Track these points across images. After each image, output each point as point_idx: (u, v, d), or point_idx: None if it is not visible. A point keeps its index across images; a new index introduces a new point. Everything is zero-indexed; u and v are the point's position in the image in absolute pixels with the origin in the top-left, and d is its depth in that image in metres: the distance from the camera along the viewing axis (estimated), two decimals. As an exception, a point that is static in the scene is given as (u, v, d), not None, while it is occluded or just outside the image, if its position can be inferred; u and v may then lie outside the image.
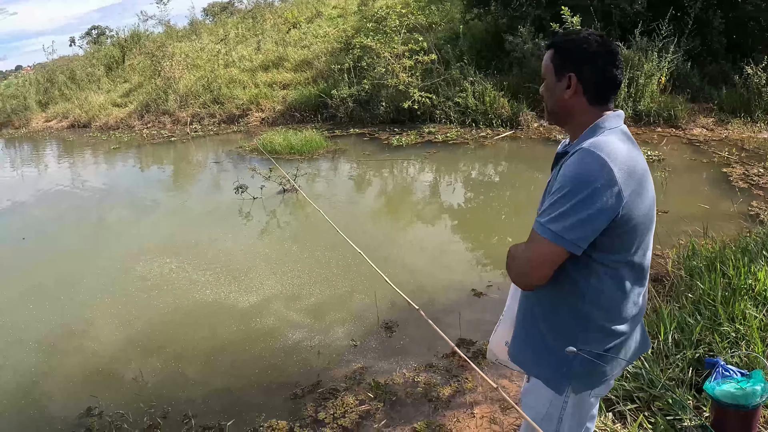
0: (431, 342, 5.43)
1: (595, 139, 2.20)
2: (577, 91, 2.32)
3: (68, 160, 17.46)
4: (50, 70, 28.07)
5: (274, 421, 4.58)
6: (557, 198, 2.14)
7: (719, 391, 3.41)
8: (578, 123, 2.35)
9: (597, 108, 2.33)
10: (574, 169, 2.14)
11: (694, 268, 5.33)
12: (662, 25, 12.35)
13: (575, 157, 2.16)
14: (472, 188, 10.51)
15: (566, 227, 2.11)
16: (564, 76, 2.33)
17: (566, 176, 2.14)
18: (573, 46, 2.33)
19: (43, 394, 5.40)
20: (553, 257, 2.17)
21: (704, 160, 10.06)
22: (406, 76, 14.71)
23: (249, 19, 26.47)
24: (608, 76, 2.32)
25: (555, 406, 2.45)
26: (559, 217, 2.12)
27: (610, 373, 2.43)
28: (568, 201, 2.11)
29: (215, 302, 6.79)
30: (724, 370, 3.55)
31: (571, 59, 2.32)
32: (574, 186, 2.10)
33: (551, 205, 2.16)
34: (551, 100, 2.42)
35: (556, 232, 2.12)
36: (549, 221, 2.14)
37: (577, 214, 2.09)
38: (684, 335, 4.34)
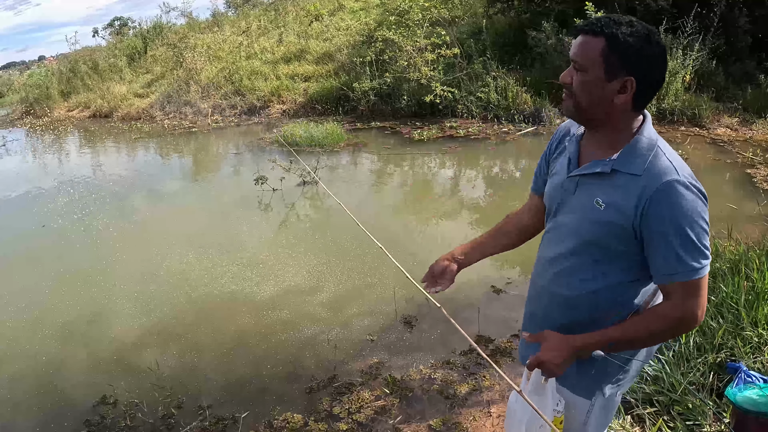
0: (449, 338, 5.40)
1: (667, 164, 2.07)
2: (630, 97, 2.08)
3: (90, 150, 17.57)
4: (73, 61, 28.22)
5: (289, 414, 4.57)
6: (683, 240, 2.03)
7: (741, 397, 3.35)
8: (613, 127, 2.17)
9: (637, 113, 2.17)
10: (682, 207, 2.01)
11: (717, 270, 5.25)
12: (687, 22, 12.21)
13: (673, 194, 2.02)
14: (492, 184, 10.45)
15: (703, 254, 2.05)
16: (619, 78, 2.05)
17: (681, 217, 2.02)
18: (636, 45, 2.03)
19: (60, 381, 5.42)
20: (706, 286, 2.11)
21: (728, 161, 9.95)
22: (428, 70, 14.65)
23: (271, 12, 26.47)
24: (663, 80, 2.14)
25: (581, 412, 2.42)
26: (693, 252, 2.03)
27: (636, 369, 2.42)
28: (692, 234, 2.02)
29: (233, 293, 6.79)
30: (747, 376, 3.49)
31: (631, 61, 2.04)
32: (692, 222, 2.02)
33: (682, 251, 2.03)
34: (589, 98, 2.12)
35: (702, 266, 2.06)
36: (692, 260, 2.04)
37: (703, 238, 2.05)
38: (706, 339, 4.28)
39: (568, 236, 2.31)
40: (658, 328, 2.14)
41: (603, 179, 2.17)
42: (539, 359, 2.21)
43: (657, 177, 2.04)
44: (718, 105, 12.65)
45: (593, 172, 2.20)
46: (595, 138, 2.25)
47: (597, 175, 2.19)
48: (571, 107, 2.21)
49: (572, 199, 2.30)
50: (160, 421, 4.70)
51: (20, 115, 26.59)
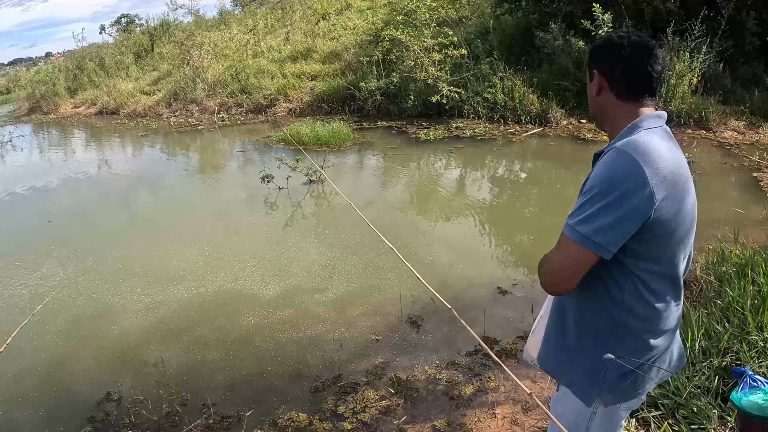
0: (454, 339, 5.41)
1: (629, 138, 2.12)
2: (603, 87, 2.27)
3: (96, 146, 17.62)
4: (80, 57, 28.32)
5: (294, 413, 4.58)
6: (586, 199, 2.07)
7: (746, 401, 3.34)
8: (612, 122, 2.28)
9: (630, 105, 2.24)
10: (604, 169, 2.07)
11: (723, 274, 5.24)
12: (695, 24, 12.19)
13: (607, 157, 2.10)
14: (498, 185, 10.45)
15: (595, 230, 2.03)
16: (591, 74, 2.32)
17: (596, 177, 2.08)
18: (599, 43, 2.32)
19: (64, 377, 5.45)
20: (581, 261, 2.11)
21: (734, 164, 9.92)
22: (435, 70, 14.66)
23: (278, 10, 26.53)
24: (638, 69, 2.21)
25: (583, 416, 2.39)
26: (587, 218, 2.05)
27: (643, 386, 2.37)
28: (597, 202, 2.03)
29: (238, 291, 6.81)
30: (752, 381, 3.48)
31: (595, 56, 2.31)
32: (604, 187, 2.03)
33: (580, 207, 2.09)
34: (589, 102, 2.39)
35: (584, 235, 2.05)
36: (577, 223, 2.08)
37: (607, 216, 2.02)
38: (711, 343, 4.28)
39: None
40: (541, 261, 2.28)
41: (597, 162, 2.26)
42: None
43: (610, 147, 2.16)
44: (724, 108, 12.62)
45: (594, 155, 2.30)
46: (609, 137, 2.36)
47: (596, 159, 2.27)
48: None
49: None
50: (164, 419, 4.71)
51: (27, 111, 26.70)
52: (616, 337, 2.27)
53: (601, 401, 2.35)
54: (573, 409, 2.41)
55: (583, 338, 2.34)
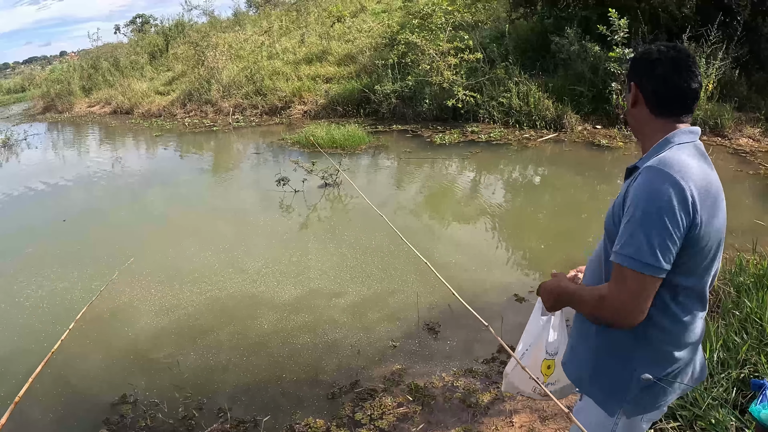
0: (471, 346, 5.43)
1: (663, 155, 2.14)
2: (639, 101, 2.28)
3: (110, 146, 17.70)
4: (94, 57, 28.47)
5: (311, 419, 4.60)
6: (634, 227, 2.06)
7: (764, 414, 3.34)
8: (646, 136, 2.31)
9: (664, 120, 2.25)
10: (643, 189, 2.07)
11: (741, 284, 5.24)
12: (710, 30, 12.16)
13: (643, 178, 2.10)
14: (513, 190, 10.45)
15: (652, 254, 2.03)
16: (629, 86, 2.32)
17: (637, 198, 2.08)
18: (637, 55, 2.32)
19: (79, 378, 5.49)
20: (648, 289, 2.08)
21: (750, 172, 9.89)
22: (450, 74, 14.66)
23: (293, 12, 26.59)
24: (671, 85, 2.22)
25: (605, 427, 2.41)
26: (642, 246, 2.04)
27: (665, 398, 2.38)
28: (646, 227, 2.03)
29: (254, 295, 6.84)
30: (772, 393, 3.50)
31: (633, 69, 2.31)
32: (650, 209, 2.03)
33: (631, 235, 2.06)
34: (626, 114, 2.42)
35: (645, 263, 2.03)
36: (634, 252, 2.05)
37: (659, 237, 2.02)
38: (730, 354, 4.27)
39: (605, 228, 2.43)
40: (593, 300, 2.22)
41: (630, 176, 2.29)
42: (540, 286, 2.66)
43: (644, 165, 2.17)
44: (740, 115, 12.56)
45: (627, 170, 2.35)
46: (642, 149, 2.37)
47: (628, 173, 2.33)
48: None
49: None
50: (179, 422, 4.75)
51: (41, 109, 26.87)
52: (639, 349, 2.29)
53: (624, 413, 2.37)
54: (595, 420, 2.43)
55: (606, 350, 2.37)
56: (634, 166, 2.28)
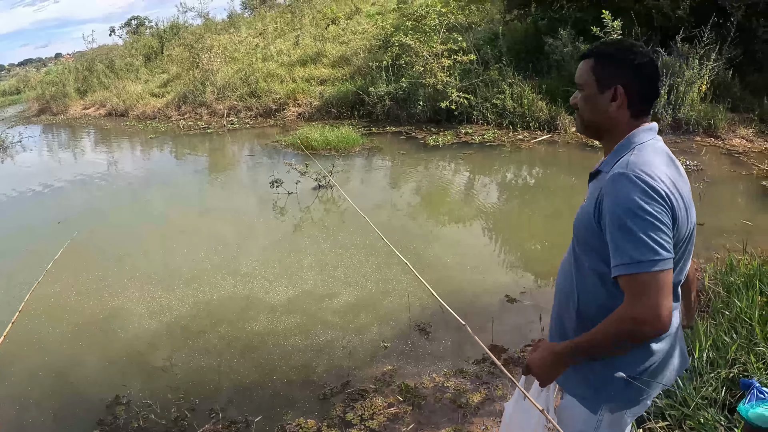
0: (462, 347, 5.43)
1: (629, 159, 2.15)
2: (623, 104, 2.24)
3: (105, 148, 17.71)
4: (89, 59, 28.49)
5: (302, 420, 4.61)
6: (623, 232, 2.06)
7: (753, 413, 3.36)
8: (613, 136, 2.30)
9: (636, 120, 2.28)
10: (620, 196, 2.07)
11: (731, 284, 5.25)
12: (704, 32, 12.18)
13: (616, 185, 2.10)
14: (507, 191, 10.47)
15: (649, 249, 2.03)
16: (609, 88, 2.24)
17: (616, 206, 2.07)
18: (619, 56, 2.25)
19: (73, 380, 5.50)
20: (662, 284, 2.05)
21: (743, 172, 9.91)
22: (444, 76, 14.70)
23: (288, 14, 26.62)
24: (652, 87, 2.28)
25: (589, 425, 2.43)
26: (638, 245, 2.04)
27: (648, 393, 2.39)
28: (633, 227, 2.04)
29: (247, 297, 6.85)
30: (759, 393, 3.50)
31: (616, 71, 2.24)
32: (629, 211, 2.04)
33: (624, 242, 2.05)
34: (592, 113, 2.32)
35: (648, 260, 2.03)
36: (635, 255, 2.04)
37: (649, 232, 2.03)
38: (719, 354, 4.28)
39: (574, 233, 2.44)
40: (615, 329, 2.12)
41: (594, 180, 2.35)
42: (527, 363, 2.39)
43: (612, 172, 2.16)
44: (733, 116, 12.59)
45: (590, 174, 2.40)
46: (604, 149, 2.40)
47: (592, 177, 2.38)
48: (580, 124, 2.43)
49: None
50: (172, 423, 4.75)
51: (36, 111, 26.88)
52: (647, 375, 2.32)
53: (607, 409, 2.39)
54: (579, 418, 2.45)
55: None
56: (597, 170, 2.34)
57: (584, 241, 2.31)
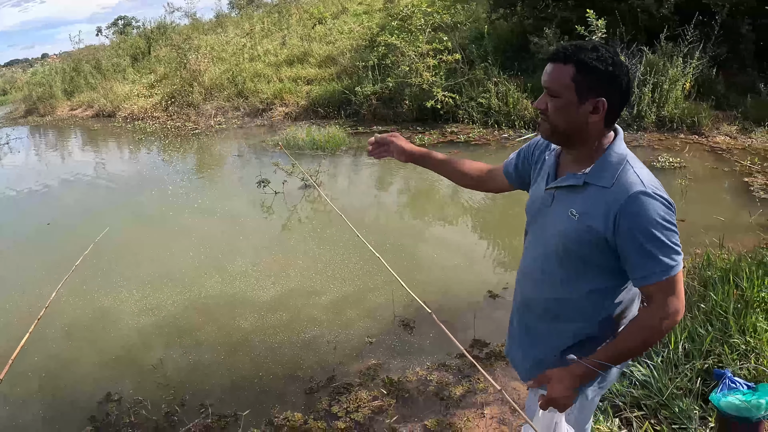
0: (445, 342, 5.50)
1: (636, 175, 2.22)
2: (601, 114, 2.24)
3: (93, 149, 17.69)
4: (76, 59, 28.38)
5: (289, 413, 4.69)
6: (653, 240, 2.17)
7: (724, 402, 3.45)
8: (589, 147, 2.33)
9: (606, 129, 2.32)
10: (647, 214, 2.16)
11: (708, 278, 5.36)
12: (688, 30, 12.30)
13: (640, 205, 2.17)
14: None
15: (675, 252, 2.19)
16: (590, 100, 2.21)
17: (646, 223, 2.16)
18: (603, 67, 2.19)
19: (65, 378, 5.55)
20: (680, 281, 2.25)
21: (725, 169, 10.03)
22: (429, 75, 14.77)
23: (275, 14, 26.60)
24: (627, 98, 2.32)
25: None
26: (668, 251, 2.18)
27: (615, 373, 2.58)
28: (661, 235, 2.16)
29: (234, 295, 6.91)
30: (731, 382, 3.59)
31: (601, 82, 2.21)
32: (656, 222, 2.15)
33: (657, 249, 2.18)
34: (567, 122, 2.27)
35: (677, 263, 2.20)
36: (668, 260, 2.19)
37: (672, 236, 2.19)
38: (694, 345, 4.39)
39: (545, 244, 2.49)
40: (650, 332, 2.28)
41: (577, 192, 2.34)
42: (550, 398, 2.40)
43: (625, 189, 2.20)
44: (717, 113, 12.71)
45: (567, 184, 2.37)
46: (572, 154, 2.42)
47: (571, 188, 2.36)
48: (548, 131, 2.36)
49: (549, 211, 2.47)
50: (163, 419, 4.81)
51: (23, 113, 26.75)
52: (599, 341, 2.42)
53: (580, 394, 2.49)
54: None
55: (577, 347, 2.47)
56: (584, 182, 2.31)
57: (580, 258, 2.36)
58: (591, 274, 2.37)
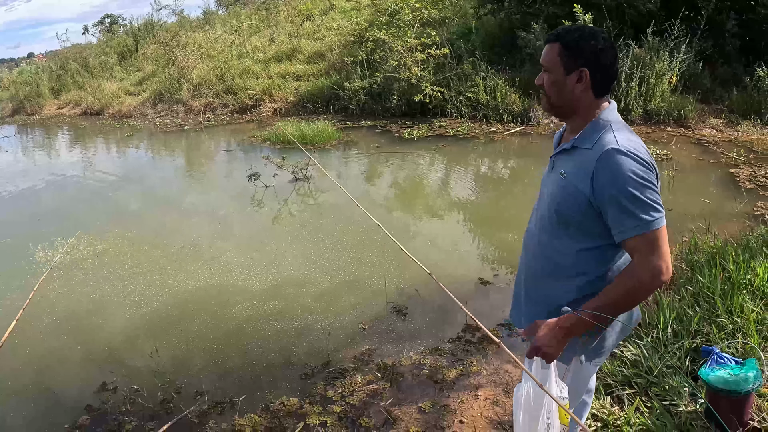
0: (438, 327, 5.61)
1: (614, 136, 2.37)
2: (587, 86, 2.45)
3: (82, 147, 17.63)
4: (63, 58, 28.26)
5: (285, 398, 4.74)
6: (629, 197, 2.29)
7: (713, 376, 3.54)
8: (580, 115, 2.51)
9: (599, 100, 2.50)
10: (618, 170, 2.29)
11: (695, 262, 5.47)
12: (674, 25, 12.42)
13: (612, 161, 2.31)
14: (481, 182, 10.61)
15: (653, 208, 2.29)
16: (575, 71, 2.44)
17: (618, 178, 2.29)
18: (584, 42, 2.43)
19: (61, 370, 5.56)
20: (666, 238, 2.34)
21: (712, 161, 10.14)
22: (418, 70, 14.83)
23: (263, 11, 26.57)
24: (613, 70, 2.49)
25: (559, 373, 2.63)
26: (645, 207, 2.28)
27: (609, 345, 2.66)
28: (635, 194, 2.27)
29: (229, 285, 6.95)
30: (719, 358, 3.68)
31: (583, 55, 2.43)
32: (632, 179, 2.27)
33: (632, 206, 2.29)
34: (558, 94, 2.52)
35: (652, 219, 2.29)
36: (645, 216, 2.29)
37: (649, 194, 2.29)
38: (683, 326, 4.48)
39: (544, 205, 2.67)
40: (632, 285, 2.36)
41: (568, 155, 2.54)
42: (535, 347, 2.49)
43: (600, 149, 2.36)
44: (703, 107, 12.86)
45: (561, 149, 2.61)
46: (570, 127, 2.63)
47: (564, 152, 2.58)
48: (546, 104, 2.63)
49: (549, 177, 2.69)
50: (159, 406, 4.84)
51: (10, 112, 26.62)
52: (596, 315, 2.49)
53: (576, 360, 2.62)
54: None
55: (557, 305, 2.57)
56: (573, 146, 2.51)
57: (569, 221, 2.52)
58: (580, 235, 2.51)
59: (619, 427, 3.69)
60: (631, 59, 12.64)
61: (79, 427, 4.70)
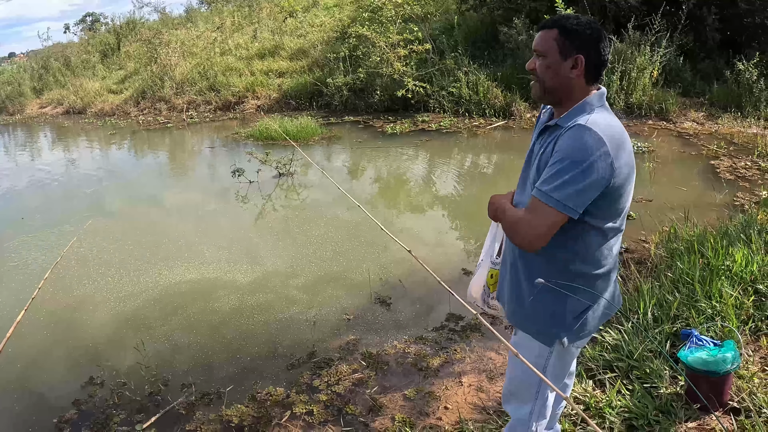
0: (422, 316, 5.67)
1: (589, 116, 2.42)
2: (581, 72, 2.51)
3: (64, 146, 17.56)
4: (45, 57, 28.09)
5: (272, 388, 4.77)
6: (558, 169, 2.36)
7: (692, 358, 3.61)
8: (570, 100, 2.55)
9: (590, 86, 2.56)
10: (573, 143, 2.36)
11: (674, 249, 5.56)
12: (655, 19, 12.52)
13: (573, 132, 2.38)
14: (463, 176, 10.66)
15: (567, 195, 2.34)
16: (571, 57, 2.50)
17: (566, 149, 2.37)
18: (580, 29, 2.50)
19: (47, 365, 5.55)
20: (556, 223, 2.40)
21: (693, 153, 10.24)
22: (400, 66, 14.88)
23: (245, 8, 26.52)
24: (604, 59, 2.55)
25: (541, 357, 2.72)
26: (561, 186, 2.34)
27: (591, 326, 2.70)
28: (569, 172, 2.33)
29: (214, 278, 6.98)
30: (698, 340, 3.75)
31: (579, 42, 2.49)
32: (574, 158, 2.33)
33: (552, 175, 2.37)
34: (553, 78, 2.56)
35: (558, 200, 2.34)
36: (552, 190, 2.36)
37: (576, 183, 2.33)
38: (663, 311, 4.56)
39: (523, 179, 2.75)
40: (510, 218, 2.59)
41: (550, 132, 2.59)
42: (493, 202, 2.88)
43: (568, 125, 2.44)
44: (685, 100, 12.98)
45: (544, 125, 2.67)
46: (557, 112, 2.64)
47: (546, 129, 2.63)
48: (538, 90, 2.65)
49: (531, 152, 2.74)
50: (147, 399, 4.86)
51: (-9, 112, 26.46)
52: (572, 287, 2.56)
53: (558, 342, 2.66)
54: (531, 353, 2.72)
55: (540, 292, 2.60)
56: (555, 124, 2.57)
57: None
58: None
59: (601, 410, 3.75)
60: (613, 53, 12.71)
61: (66, 421, 4.71)
